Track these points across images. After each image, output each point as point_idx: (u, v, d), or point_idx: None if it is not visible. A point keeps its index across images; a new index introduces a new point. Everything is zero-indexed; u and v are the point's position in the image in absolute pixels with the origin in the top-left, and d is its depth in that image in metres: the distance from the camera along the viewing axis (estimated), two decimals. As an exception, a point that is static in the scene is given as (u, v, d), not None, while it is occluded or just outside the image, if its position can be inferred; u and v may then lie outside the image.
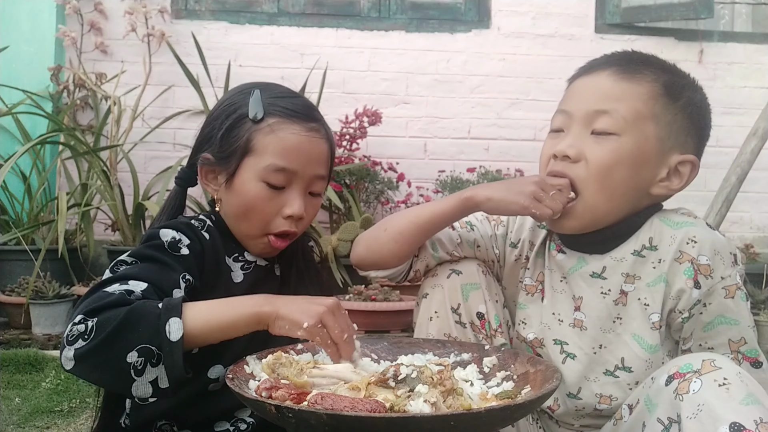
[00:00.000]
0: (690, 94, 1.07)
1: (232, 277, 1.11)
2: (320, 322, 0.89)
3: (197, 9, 3.65)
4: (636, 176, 1.04)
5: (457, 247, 1.19)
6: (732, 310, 1.00)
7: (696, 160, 1.07)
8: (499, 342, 1.16)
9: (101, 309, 0.86)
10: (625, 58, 1.08)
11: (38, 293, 2.77)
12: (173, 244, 1.03)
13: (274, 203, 1.08)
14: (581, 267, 1.11)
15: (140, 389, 0.85)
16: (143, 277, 0.94)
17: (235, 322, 0.90)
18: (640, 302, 1.06)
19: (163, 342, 0.85)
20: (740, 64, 3.78)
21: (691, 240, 1.02)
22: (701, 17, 3.59)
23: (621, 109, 1.02)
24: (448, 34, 3.72)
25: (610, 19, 3.72)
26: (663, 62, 1.09)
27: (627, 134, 1.02)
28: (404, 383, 0.84)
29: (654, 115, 1.03)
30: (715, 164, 3.68)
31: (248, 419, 1.09)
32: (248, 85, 1.13)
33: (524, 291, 1.19)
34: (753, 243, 3.58)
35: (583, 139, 1.05)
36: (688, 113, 1.06)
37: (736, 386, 0.82)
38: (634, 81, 1.04)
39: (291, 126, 1.07)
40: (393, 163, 3.50)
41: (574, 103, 1.08)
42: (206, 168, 1.12)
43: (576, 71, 1.13)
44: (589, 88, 1.07)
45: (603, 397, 1.08)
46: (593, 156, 1.03)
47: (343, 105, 3.59)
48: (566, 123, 1.08)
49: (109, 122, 3.34)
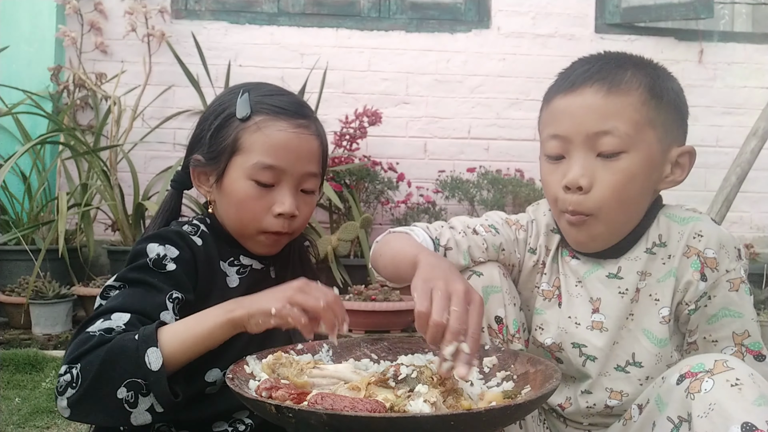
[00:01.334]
0: (669, 85, 1.07)
1: (228, 282, 1.10)
2: (289, 302, 0.89)
3: (197, 9, 3.65)
4: (647, 183, 1.05)
5: (483, 252, 1.15)
6: (736, 302, 1.01)
7: (693, 149, 1.07)
8: (517, 347, 1.14)
9: (83, 355, 0.88)
10: (603, 69, 1.04)
11: (38, 293, 2.77)
12: (158, 262, 1.02)
13: (263, 201, 1.07)
14: (596, 270, 1.11)
15: (139, 418, 0.88)
16: (128, 306, 0.95)
17: (211, 332, 0.91)
18: (651, 298, 1.07)
19: (147, 373, 0.86)
20: (740, 64, 3.78)
21: (698, 234, 1.03)
22: (701, 17, 3.59)
23: (621, 125, 1.00)
24: (448, 34, 3.72)
25: (610, 19, 3.72)
26: (634, 59, 1.09)
27: (633, 149, 1.01)
28: (404, 383, 0.84)
29: (650, 121, 1.03)
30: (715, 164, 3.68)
31: (247, 420, 1.08)
32: (239, 86, 1.13)
33: (541, 296, 1.18)
34: (753, 243, 3.58)
35: (591, 164, 1.02)
36: (673, 106, 1.06)
37: (748, 387, 0.82)
38: (621, 92, 1.02)
39: (278, 123, 1.07)
40: (393, 163, 3.50)
41: (568, 127, 1.04)
42: (198, 169, 1.12)
43: (552, 88, 1.09)
44: (579, 109, 1.03)
45: (614, 392, 1.09)
46: (607, 181, 1.02)
47: (343, 105, 3.59)
48: (565, 148, 1.05)
49: (109, 122, 3.34)
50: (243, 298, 0.95)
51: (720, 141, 3.75)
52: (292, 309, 0.89)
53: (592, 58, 1.09)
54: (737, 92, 3.76)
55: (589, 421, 1.14)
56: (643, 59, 1.10)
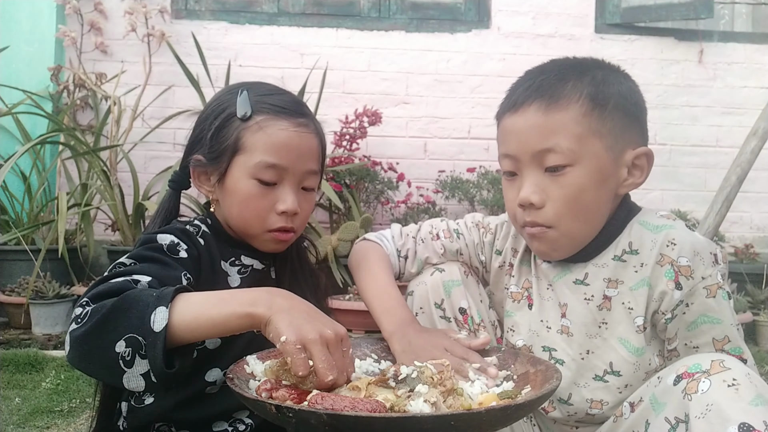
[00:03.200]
0: (616, 89, 1.04)
1: (229, 282, 1.11)
2: (303, 345, 0.80)
3: (197, 9, 3.65)
4: (603, 191, 1.04)
5: (440, 257, 1.26)
6: (714, 309, 1.01)
7: (649, 150, 1.06)
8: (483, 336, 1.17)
9: (103, 294, 0.85)
10: (544, 84, 1.05)
11: (38, 293, 2.77)
12: (172, 248, 1.02)
13: (266, 200, 1.08)
14: (565, 275, 1.12)
15: (132, 382, 0.80)
16: (147, 272, 0.92)
17: (226, 320, 0.83)
18: (624, 306, 1.07)
19: (147, 332, 0.79)
20: (740, 64, 3.78)
21: (671, 242, 1.03)
22: (701, 17, 3.59)
23: (562, 141, 1.01)
24: (448, 34, 3.72)
25: (610, 19, 3.72)
26: (578, 66, 1.07)
27: (579, 162, 1.01)
28: (404, 383, 0.84)
29: (594, 131, 1.02)
30: (715, 164, 3.69)
31: (247, 420, 1.08)
32: (236, 85, 1.14)
33: (510, 298, 1.21)
34: (753, 243, 3.58)
35: (541, 180, 1.04)
36: (621, 110, 1.04)
37: (745, 387, 0.82)
38: (561, 107, 1.02)
39: (279, 122, 1.08)
40: (393, 163, 3.50)
41: (514, 147, 1.06)
42: (198, 169, 1.13)
43: (501, 106, 1.11)
44: (521, 128, 1.05)
45: (594, 402, 1.09)
46: (556, 195, 1.03)
47: (343, 105, 3.59)
48: (516, 166, 1.07)
49: (109, 122, 3.34)
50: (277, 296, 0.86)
51: (720, 141, 3.75)
52: (299, 353, 0.79)
53: (534, 72, 1.09)
54: (737, 92, 3.76)
55: (575, 419, 1.14)
56: (588, 64, 1.08)
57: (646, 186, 4.00)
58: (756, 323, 3.00)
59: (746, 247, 3.52)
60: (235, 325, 0.83)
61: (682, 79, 3.76)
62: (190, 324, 0.82)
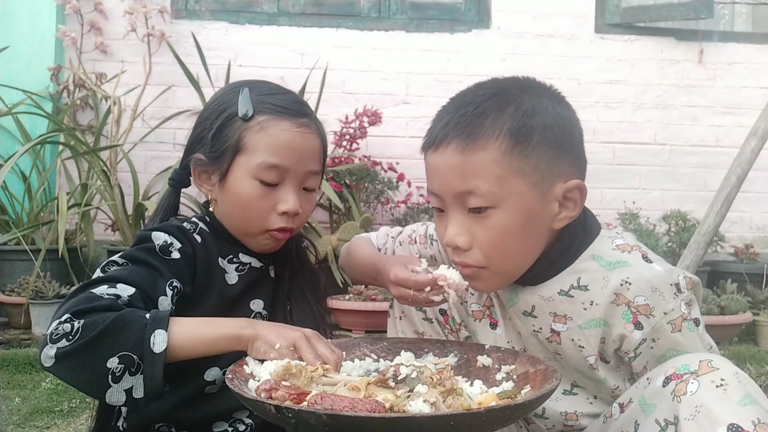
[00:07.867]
0: (540, 120, 0.97)
1: (227, 279, 1.11)
2: (293, 345, 0.92)
3: (197, 9, 3.65)
4: (530, 230, 0.99)
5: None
6: (682, 343, 0.98)
7: (580, 182, 1.00)
8: (464, 335, 1.18)
9: (89, 311, 0.87)
10: (462, 120, 0.99)
11: (38, 293, 2.77)
12: (164, 248, 1.03)
13: (268, 200, 1.08)
14: (516, 303, 1.08)
15: (114, 396, 0.86)
16: (132, 281, 0.95)
17: (217, 340, 0.93)
18: (574, 343, 1.04)
19: (146, 352, 0.86)
20: (740, 64, 3.78)
21: (625, 282, 0.98)
22: (701, 17, 3.59)
23: (482, 184, 0.95)
24: (448, 34, 3.72)
25: (610, 19, 3.72)
26: (501, 93, 1.00)
27: (502, 204, 0.96)
28: (404, 383, 0.84)
29: (516, 170, 0.96)
30: (715, 164, 3.68)
31: (247, 420, 1.08)
32: (237, 84, 1.14)
33: (471, 317, 1.18)
34: (753, 243, 3.59)
35: (466, 221, 0.99)
36: (548, 143, 0.97)
37: (733, 387, 0.82)
38: (478, 148, 0.96)
39: (281, 122, 1.08)
40: (393, 163, 3.50)
41: (438, 186, 1.02)
42: (199, 169, 1.13)
43: (423, 141, 1.07)
44: (442, 168, 1.00)
45: (568, 414, 1.09)
46: (482, 238, 0.98)
47: (343, 105, 3.59)
48: (442, 203, 1.02)
49: (109, 122, 3.34)
50: (257, 322, 0.98)
51: (720, 141, 3.75)
52: (292, 353, 0.92)
53: (455, 104, 1.04)
54: (737, 92, 3.76)
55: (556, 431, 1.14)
56: (512, 92, 1.01)
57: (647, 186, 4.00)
58: (756, 323, 3.00)
59: (746, 247, 3.52)
60: (223, 345, 0.93)
61: (682, 79, 3.76)
62: (183, 344, 0.90)
